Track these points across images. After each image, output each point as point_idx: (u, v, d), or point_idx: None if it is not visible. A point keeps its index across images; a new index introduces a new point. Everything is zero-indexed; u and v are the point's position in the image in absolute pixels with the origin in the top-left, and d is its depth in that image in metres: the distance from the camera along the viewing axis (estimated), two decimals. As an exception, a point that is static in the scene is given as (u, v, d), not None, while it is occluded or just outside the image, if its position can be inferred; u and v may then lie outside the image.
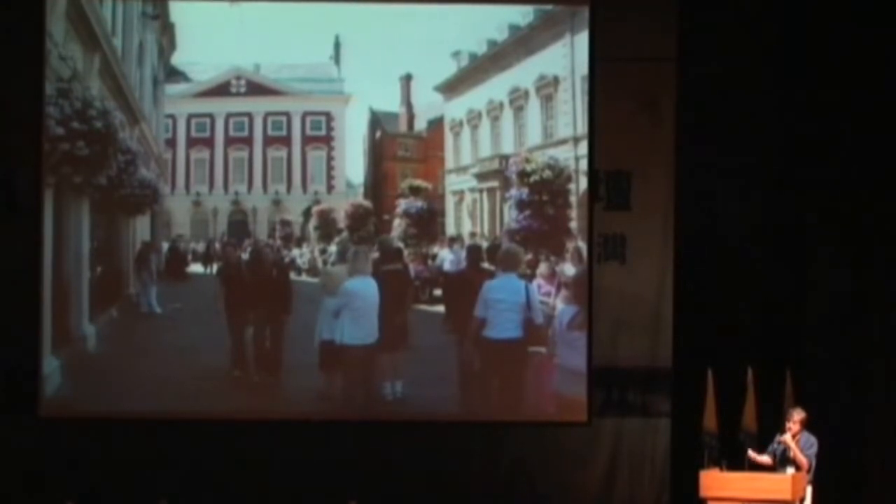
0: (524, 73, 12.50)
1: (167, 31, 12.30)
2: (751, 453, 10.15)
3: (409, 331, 12.09)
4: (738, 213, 11.98)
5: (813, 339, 11.81)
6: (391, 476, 11.55)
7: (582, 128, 12.14)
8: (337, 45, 12.29)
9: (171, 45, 12.31)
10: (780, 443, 10.14)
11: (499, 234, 12.41)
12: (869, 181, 11.82)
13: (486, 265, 12.23)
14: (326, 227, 12.51)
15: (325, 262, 12.46)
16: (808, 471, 10.08)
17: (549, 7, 12.35)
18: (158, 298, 12.18)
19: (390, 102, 12.50)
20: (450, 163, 12.65)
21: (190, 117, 12.42)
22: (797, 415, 10.16)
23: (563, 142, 12.31)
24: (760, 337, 11.75)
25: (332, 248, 12.43)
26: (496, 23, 12.48)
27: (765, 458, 10.15)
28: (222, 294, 12.12)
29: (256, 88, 12.52)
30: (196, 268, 12.46)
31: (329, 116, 12.62)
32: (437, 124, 12.64)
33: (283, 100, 12.62)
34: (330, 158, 12.63)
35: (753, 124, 11.97)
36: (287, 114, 12.69)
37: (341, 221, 12.47)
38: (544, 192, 12.26)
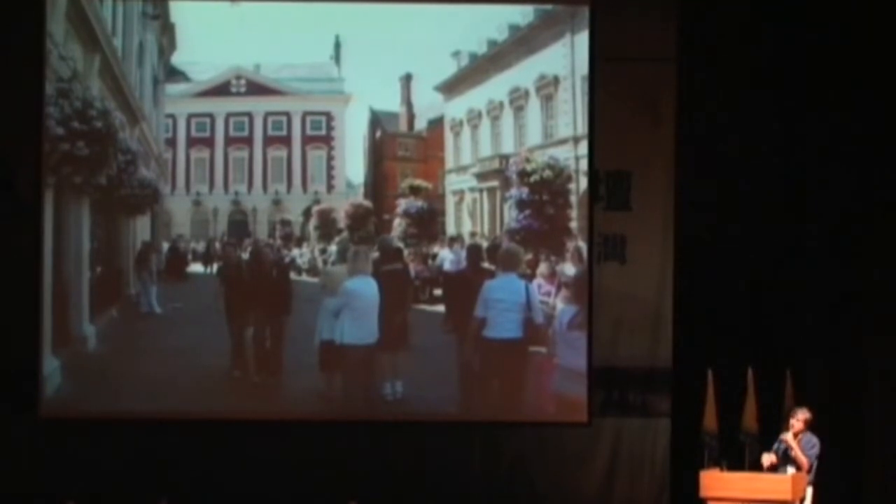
0: (524, 72, 12.50)
1: (167, 31, 12.30)
2: (764, 457, 10.12)
3: (409, 331, 12.09)
4: (737, 212, 11.97)
5: (813, 339, 11.81)
6: (391, 476, 11.56)
7: (582, 128, 12.14)
8: (337, 45, 12.29)
9: (171, 45, 12.31)
10: (782, 441, 10.13)
11: (499, 234, 12.40)
12: (869, 181, 11.82)
13: (486, 265, 12.22)
14: (326, 227, 12.51)
15: (325, 262, 12.46)
16: (809, 471, 10.07)
17: (549, 7, 12.35)
18: (158, 298, 12.17)
19: (390, 102, 12.51)
20: (450, 162, 12.65)
21: (190, 117, 12.42)
22: (801, 414, 10.11)
23: (563, 142, 12.31)
24: (760, 337, 11.75)
25: (332, 248, 12.43)
26: (496, 23, 12.48)
27: (773, 458, 10.11)
28: (222, 294, 12.12)
29: (256, 88, 12.52)
30: (196, 268, 12.46)
31: (329, 116, 12.62)
32: (437, 124, 12.64)
33: (283, 100, 12.62)
34: (330, 158, 12.63)
35: (753, 124, 11.97)
36: (287, 114, 12.69)
37: (341, 221, 12.47)
38: (544, 191, 12.26)
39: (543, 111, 12.41)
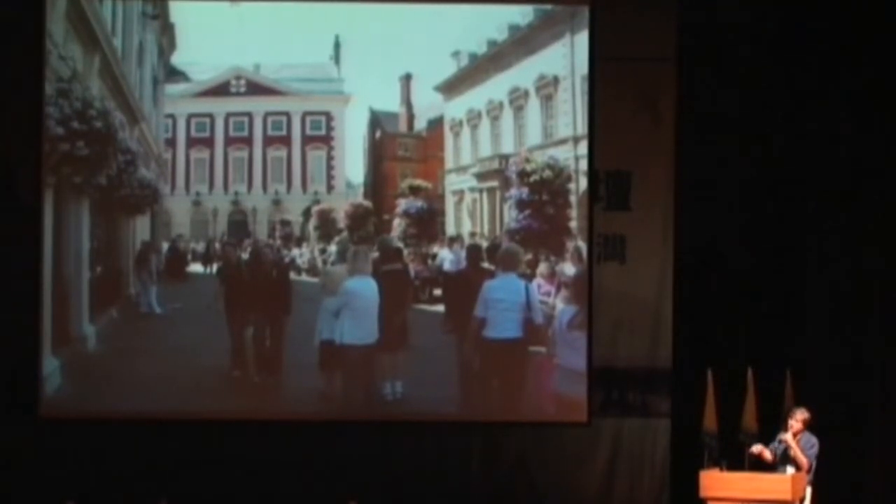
0: (524, 72, 12.50)
1: (167, 31, 12.30)
2: (754, 448, 10.11)
3: (409, 331, 12.08)
4: (737, 212, 11.98)
5: (813, 339, 11.81)
6: (391, 476, 11.56)
7: (582, 128, 12.14)
8: (337, 45, 12.30)
9: (171, 45, 12.30)
10: (781, 441, 10.14)
11: (499, 234, 12.40)
12: (869, 180, 11.82)
13: (486, 265, 12.23)
14: (326, 227, 12.51)
15: (324, 262, 12.46)
16: (808, 471, 10.07)
17: (549, 7, 12.35)
18: (158, 298, 12.18)
19: (390, 102, 12.51)
20: (450, 162, 12.65)
21: (190, 117, 12.42)
22: (800, 414, 10.14)
23: (563, 142, 12.32)
24: (760, 337, 11.75)
25: (332, 248, 12.43)
26: (496, 23, 12.48)
27: (766, 453, 10.10)
28: (222, 294, 12.12)
29: (256, 88, 12.52)
30: (196, 268, 12.46)
31: (329, 116, 12.63)
32: (436, 124, 12.64)
33: (283, 100, 12.62)
34: (330, 158, 12.63)
35: (753, 124, 11.98)
36: (287, 114, 12.69)
37: (341, 221, 12.47)
38: (544, 191, 12.26)
39: (543, 111, 12.41)
